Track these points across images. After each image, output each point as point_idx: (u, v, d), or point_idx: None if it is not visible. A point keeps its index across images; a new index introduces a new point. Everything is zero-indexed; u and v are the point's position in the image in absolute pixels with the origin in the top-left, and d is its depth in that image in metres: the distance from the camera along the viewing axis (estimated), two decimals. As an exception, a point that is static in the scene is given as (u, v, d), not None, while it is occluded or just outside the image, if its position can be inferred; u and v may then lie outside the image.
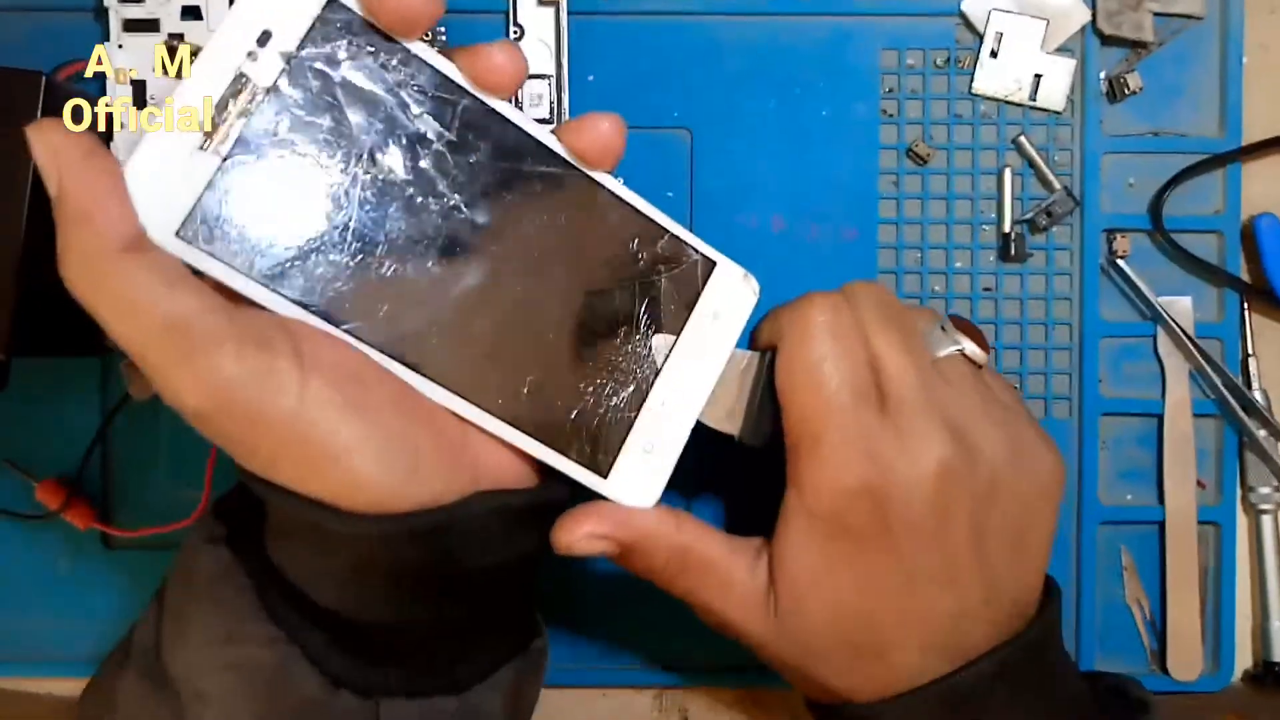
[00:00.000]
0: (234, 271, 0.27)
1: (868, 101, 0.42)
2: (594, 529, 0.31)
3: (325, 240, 0.27)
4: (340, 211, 0.28)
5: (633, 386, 0.31)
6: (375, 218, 0.28)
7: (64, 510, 0.41)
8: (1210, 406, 0.42)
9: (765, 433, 0.32)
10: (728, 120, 0.42)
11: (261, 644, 0.28)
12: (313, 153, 0.27)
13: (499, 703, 0.32)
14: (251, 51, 0.27)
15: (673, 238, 0.32)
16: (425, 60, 0.28)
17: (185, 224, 0.26)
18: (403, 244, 0.28)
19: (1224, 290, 0.42)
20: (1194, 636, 0.42)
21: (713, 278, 0.32)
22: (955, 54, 0.42)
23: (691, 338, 0.32)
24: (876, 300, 0.33)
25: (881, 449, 0.30)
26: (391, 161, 0.28)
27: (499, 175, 0.29)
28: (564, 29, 0.40)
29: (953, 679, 0.31)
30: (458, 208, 0.29)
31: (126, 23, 0.40)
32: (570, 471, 0.31)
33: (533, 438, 0.30)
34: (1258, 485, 0.42)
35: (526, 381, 0.30)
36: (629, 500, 0.31)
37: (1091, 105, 0.41)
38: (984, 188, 0.42)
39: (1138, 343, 0.42)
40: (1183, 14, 0.41)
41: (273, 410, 0.26)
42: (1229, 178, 0.42)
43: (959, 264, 0.42)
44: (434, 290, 0.29)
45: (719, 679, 0.43)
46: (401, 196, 0.28)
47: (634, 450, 0.31)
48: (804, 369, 0.31)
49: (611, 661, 0.43)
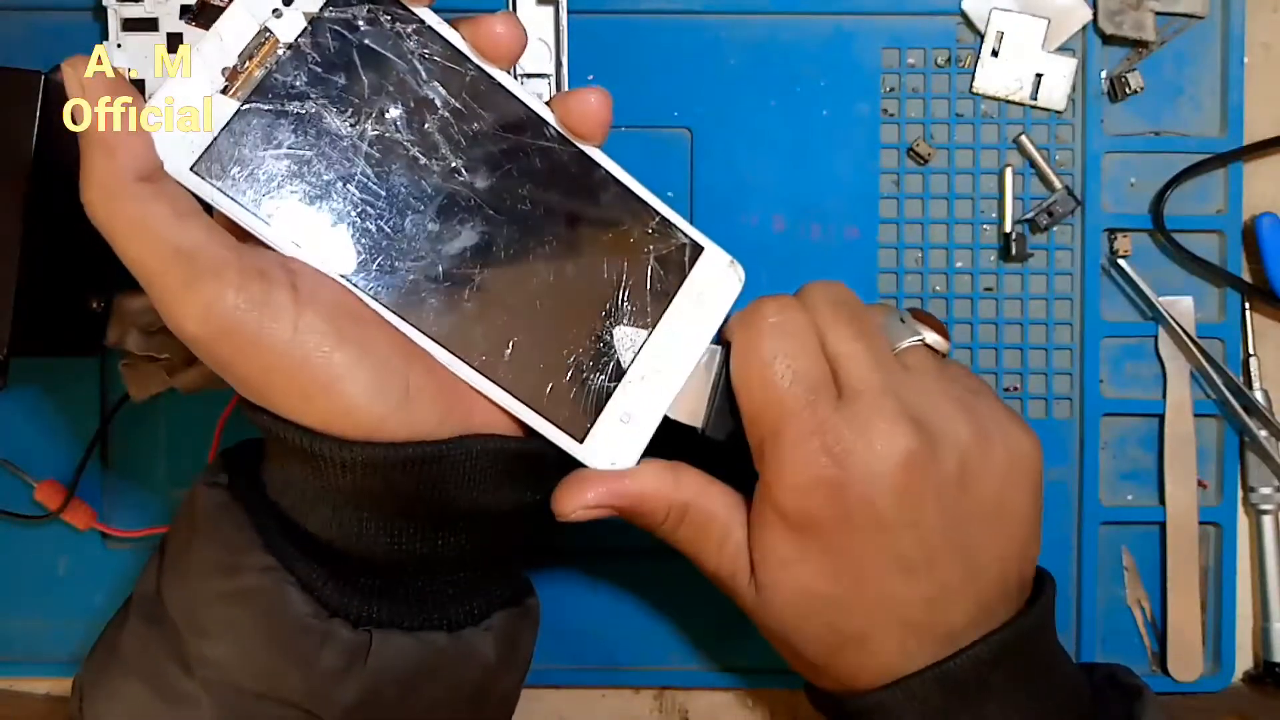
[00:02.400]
0: (241, 208, 0.29)
1: (869, 101, 0.42)
2: (592, 498, 0.32)
3: (329, 188, 0.29)
4: (346, 163, 0.30)
5: (613, 358, 0.32)
6: (378, 172, 0.30)
7: (63, 511, 0.41)
8: (1211, 407, 0.42)
9: (728, 427, 0.33)
10: (728, 120, 0.42)
11: (257, 573, 0.29)
12: (325, 107, 0.29)
13: (491, 644, 0.32)
14: (277, 9, 0.29)
15: (663, 220, 0.33)
16: (437, 31, 0.30)
17: (200, 160, 0.28)
18: (402, 200, 0.30)
19: (1225, 290, 0.42)
20: (1194, 637, 0.42)
21: (699, 262, 0.33)
22: (956, 53, 0.42)
23: (675, 318, 0.33)
24: (831, 297, 0.33)
25: (839, 442, 0.30)
26: (399, 122, 0.30)
27: (500, 144, 0.31)
28: (564, 28, 0.40)
29: (948, 664, 0.31)
30: (457, 170, 0.31)
31: (125, 22, 0.40)
32: (547, 432, 0.31)
33: (512, 395, 0.31)
34: (1259, 485, 0.42)
35: (510, 343, 0.31)
36: (602, 464, 0.32)
37: (1093, 104, 0.41)
38: (985, 187, 0.42)
39: (1139, 343, 0.42)
40: (1184, 13, 0.41)
41: (268, 337, 0.27)
42: (1230, 177, 0.42)
43: (960, 264, 0.42)
44: (428, 246, 0.30)
45: (719, 679, 0.43)
46: (405, 155, 0.30)
47: (611, 419, 0.32)
48: (756, 366, 0.31)
49: (611, 661, 0.42)
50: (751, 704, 0.43)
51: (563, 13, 0.40)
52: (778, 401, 0.31)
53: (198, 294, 0.27)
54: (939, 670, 0.31)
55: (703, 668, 0.43)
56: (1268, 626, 0.42)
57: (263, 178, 0.29)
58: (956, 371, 0.35)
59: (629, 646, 0.42)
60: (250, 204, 0.29)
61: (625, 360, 0.32)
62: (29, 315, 0.35)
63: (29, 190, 0.35)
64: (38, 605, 0.43)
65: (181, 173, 0.28)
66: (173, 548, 0.32)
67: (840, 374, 0.32)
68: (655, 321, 0.32)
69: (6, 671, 0.43)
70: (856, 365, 0.32)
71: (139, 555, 0.42)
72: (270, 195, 0.29)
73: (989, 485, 0.32)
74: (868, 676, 0.32)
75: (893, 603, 0.31)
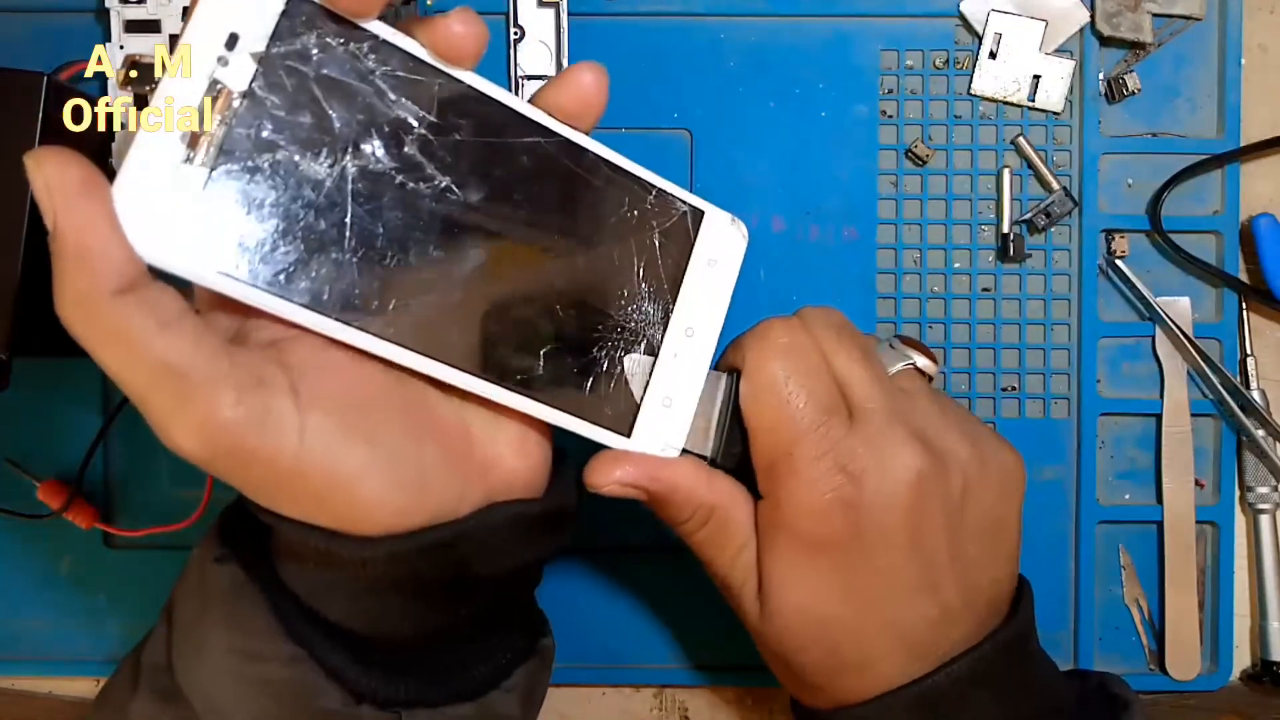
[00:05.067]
0: (238, 283, 0.26)
1: (867, 102, 0.42)
2: (625, 476, 0.31)
3: (324, 239, 0.27)
4: (335, 208, 0.27)
5: (643, 343, 0.31)
6: (370, 210, 0.27)
7: (65, 510, 0.41)
8: (1208, 406, 0.42)
9: (736, 453, 0.33)
10: (728, 120, 0.42)
11: (283, 662, 0.28)
12: (299, 152, 0.27)
13: (515, 703, 0.32)
14: (221, 56, 0.26)
15: (660, 192, 0.32)
16: (394, 44, 0.28)
17: (182, 242, 0.25)
18: (401, 233, 0.28)
19: (1222, 290, 0.42)
20: (1192, 636, 0.42)
21: (703, 226, 0.33)
22: (954, 55, 0.42)
23: (692, 287, 0.32)
24: (832, 321, 0.33)
25: (854, 462, 0.30)
26: (377, 151, 0.28)
27: (484, 151, 0.29)
28: (564, 30, 0.41)
29: (927, 681, 0.31)
30: (449, 189, 0.29)
31: (128, 23, 0.40)
32: (595, 436, 0.31)
33: (555, 408, 0.30)
34: (1256, 485, 0.42)
35: (540, 354, 0.30)
36: (654, 451, 0.32)
37: (1090, 106, 0.42)
38: (983, 188, 0.42)
39: (1136, 343, 0.42)
40: (1181, 15, 0.41)
41: (274, 450, 0.25)
42: (1227, 178, 0.42)
43: (958, 264, 0.42)
44: (439, 276, 0.28)
45: (719, 678, 0.43)
46: (392, 185, 0.28)
47: (653, 405, 0.31)
48: (767, 388, 0.31)
49: (612, 660, 0.43)
50: (751, 702, 0.43)
51: (563, 14, 0.41)
52: (791, 422, 0.31)
53: (191, 412, 0.24)
54: (918, 688, 0.31)
55: (702, 666, 0.43)
56: (1265, 625, 0.42)
57: (252, 244, 0.26)
58: (944, 395, 0.35)
59: (629, 645, 0.43)
60: (246, 276, 0.26)
61: (655, 342, 0.32)
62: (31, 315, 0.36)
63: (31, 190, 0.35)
64: (40, 605, 0.43)
65: (165, 259, 0.25)
66: (182, 621, 0.30)
67: (849, 395, 0.32)
68: (675, 295, 0.32)
69: (9, 671, 0.43)
70: (864, 386, 0.32)
71: (141, 555, 0.42)
72: (265, 261, 0.26)
73: (985, 503, 0.32)
74: (860, 696, 0.32)
75: (898, 626, 0.31)
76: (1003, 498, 0.33)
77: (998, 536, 0.33)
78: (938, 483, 0.31)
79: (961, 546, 0.32)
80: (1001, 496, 0.33)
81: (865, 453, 0.31)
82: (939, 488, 0.31)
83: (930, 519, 0.31)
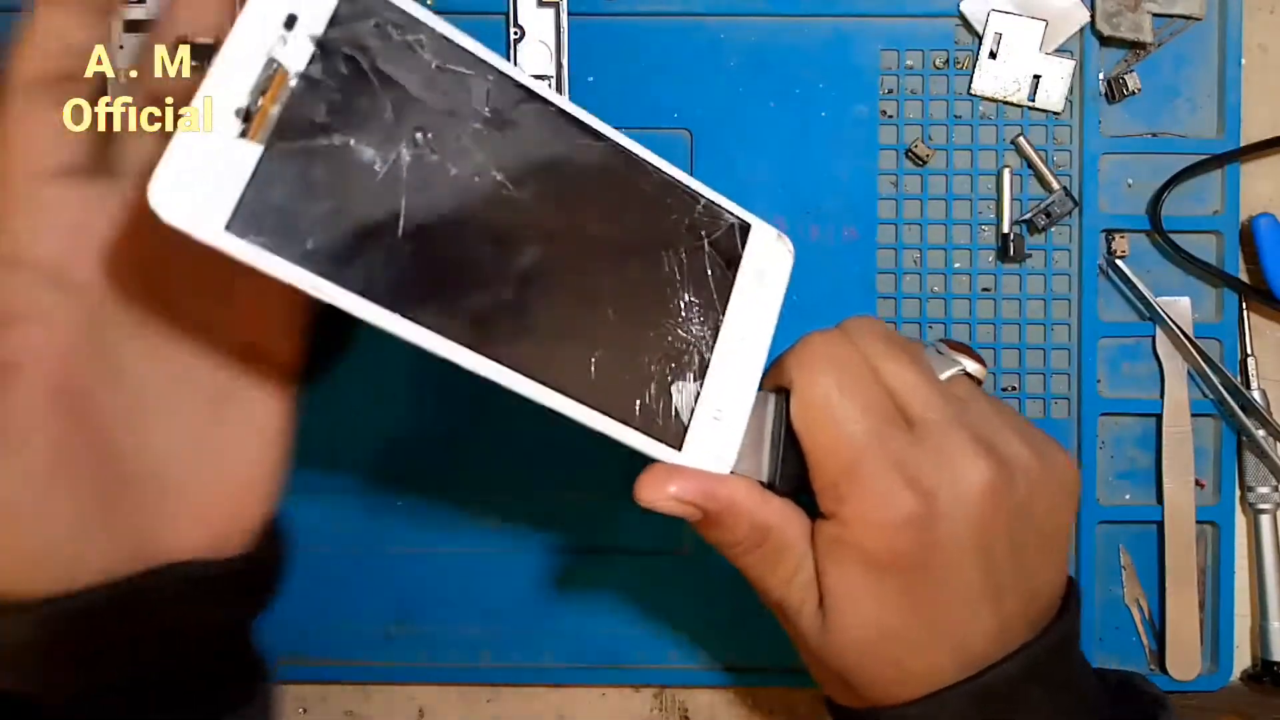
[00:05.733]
0: (287, 263, 0.25)
1: (867, 102, 0.42)
2: (680, 492, 0.30)
3: (374, 224, 0.27)
4: (386, 194, 0.27)
5: (694, 355, 0.31)
6: (422, 199, 0.27)
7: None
8: (1209, 406, 0.42)
9: (792, 475, 0.32)
10: (728, 120, 0.42)
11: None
12: (352, 136, 0.27)
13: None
14: (281, 35, 0.26)
15: (708, 203, 0.32)
16: (449, 38, 0.28)
17: (233, 218, 0.25)
18: (454, 224, 0.28)
19: (1222, 290, 0.42)
20: (1193, 636, 0.42)
21: (750, 239, 0.32)
22: (954, 55, 0.42)
23: (740, 301, 0.32)
24: (877, 331, 0.32)
25: (921, 474, 0.30)
26: (430, 142, 0.28)
27: (537, 150, 0.29)
28: (564, 30, 0.41)
29: (982, 678, 0.31)
30: (503, 185, 0.28)
31: (127, 23, 0.40)
32: (645, 447, 0.30)
33: (606, 416, 0.29)
34: (1256, 485, 0.42)
35: (592, 360, 0.29)
36: (708, 469, 0.31)
37: (1090, 106, 0.42)
38: (983, 188, 0.42)
39: (1136, 343, 0.42)
40: (1181, 15, 0.41)
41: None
42: (1227, 178, 0.42)
43: (958, 264, 0.42)
44: (490, 271, 0.28)
45: (718, 677, 0.43)
46: (445, 175, 0.28)
47: (704, 419, 0.31)
48: (819, 405, 0.30)
49: (611, 660, 0.43)
50: (751, 702, 0.43)
51: (563, 15, 0.41)
52: (849, 438, 0.30)
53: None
54: (973, 684, 0.31)
55: (702, 666, 0.43)
56: (1265, 625, 0.42)
57: (302, 226, 0.26)
58: (994, 399, 0.34)
59: (629, 645, 0.43)
60: (295, 257, 0.25)
61: (705, 354, 0.31)
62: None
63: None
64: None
65: (217, 235, 0.25)
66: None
67: (905, 405, 0.31)
68: (724, 308, 0.31)
69: (9, 670, 0.43)
70: (920, 394, 0.31)
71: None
72: (314, 243, 0.26)
73: (1044, 509, 0.32)
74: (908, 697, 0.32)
75: (959, 637, 0.31)
76: (1059, 500, 0.32)
77: (1054, 541, 0.32)
78: (1006, 491, 0.30)
79: (1022, 554, 0.31)
80: (1058, 499, 0.32)
81: (933, 465, 0.30)
82: (1007, 497, 0.30)
83: (997, 529, 0.30)
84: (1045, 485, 0.32)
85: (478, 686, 0.43)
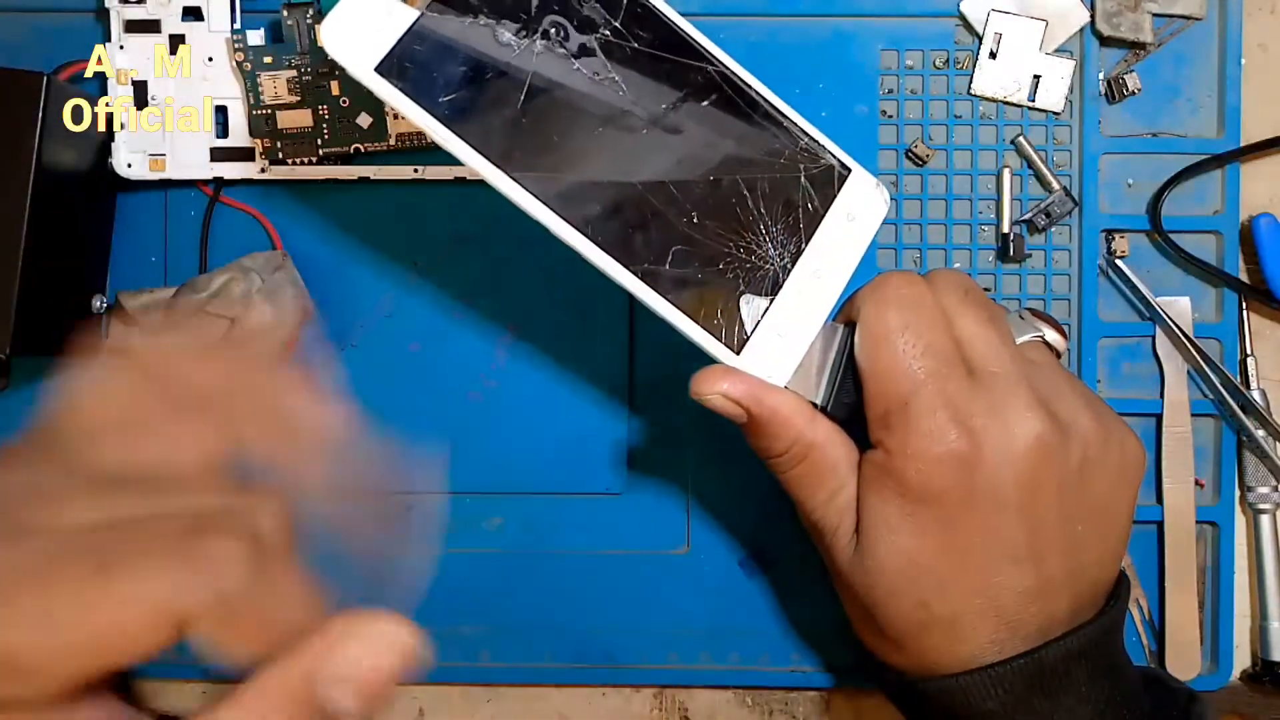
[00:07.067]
0: (419, 109, 0.30)
1: (867, 102, 0.42)
2: (731, 390, 0.31)
3: (501, 96, 0.31)
4: (516, 74, 0.31)
5: (769, 274, 0.33)
6: (546, 83, 0.31)
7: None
8: (1208, 406, 0.42)
9: (847, 404, 0.33)
10: (727, 121, 0.42)
11: None
12: (497, 19, 0.31)
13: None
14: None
15: (812, 140, 0.34)
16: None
17: (384, 62, 0.30)
18: (569, 111, 0.32)
19: (1222, 290, 0.42)
20: (1192, 636, 0.42)
21: (848, 183, 0.34)
22: (954, 55, 0.42)
23: (826, 236, 0.33)
24: (958, 283, 0.33)
25: (973, 418, 0.30)
26: (563, 37, 0.32)
27: (658, 64, 0.33)
28: (564, 29, 0.41)
29: (1038, 653, 0.31)
30: (619, 86, 0.32)
31: (128, 23, 0.40)
32: (704, 343, 0.32)
33: (671, 303, 0.32)
34: (1256, 485, 0.42)
35: (671, 251, 0.32)
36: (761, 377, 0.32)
37: (1090, 106, 0.42)
38: (983, 188, 0.42)
39: (1136, 343, 0.42)
40: (1182, 15, 0.41)
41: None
42: (1227, 178, 0.42)
43: (958, 264, 0.42)
44: (593, 157, 0.32)
45: (718, 677, 0.43)
46: (569, 69, 0.32)
47: (767, 332, 0.32)
48: (882, 336, 0.31)
49: (611, 660, 0.43)
50: (750, 702, 0.43)
51: (563, 14, 0.41)
52: (906, 372, 0.31)
53: None
54: (1030, 659, 0.31)
55: (702, 666, 0.43)
56: (1265, 625, 0.42)
57: (440, 83, 0.30)
58: (1069, 372, 0.35)
59: (629, 645, 0.43)
60: (427, 105, 0.30)
61: (781, 274, 0.33)
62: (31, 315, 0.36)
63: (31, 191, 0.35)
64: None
65: (365, 73, 0.30)
66: None
67: (971, 355, 0.31)
68: (808, 239, 0.33)
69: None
70: (987, 347, 0.31)
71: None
72: (446, 98, 0.30)
73: (1103, 484, 0.32)
74: (948, 661, 0.32)
75: (994, 590, 0.31)
76: (1120, 480, 0.33)
77: (1108, 518, 0.33)
78: (1058, 451, 0.31)
79: (1071, 522, 0.31)
80: (1119, 478, 0.33)
81: (985, 411, 0.30)
82: (1058, 457, 0.31)
83: (1044, 488, 0.31)
84: (1103, 458, 0.32)
85: (478, 686, 0.43)
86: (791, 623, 0.42)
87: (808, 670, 0.42)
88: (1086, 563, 0.32)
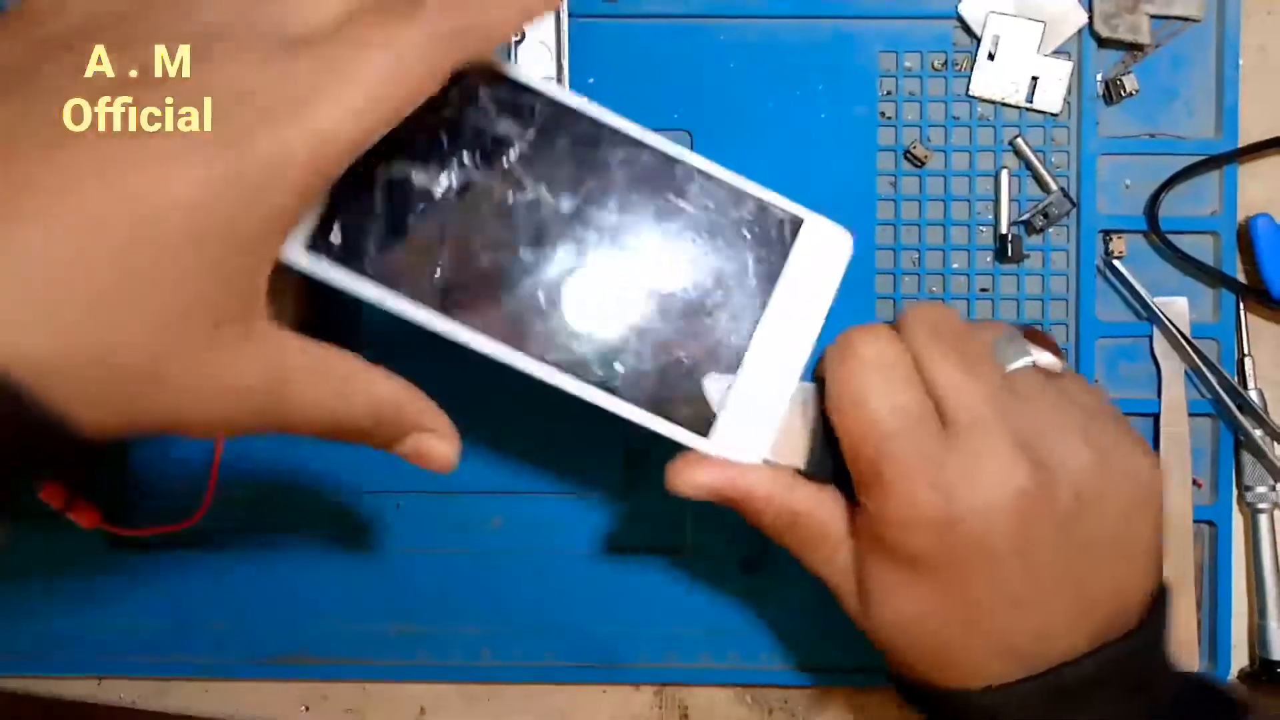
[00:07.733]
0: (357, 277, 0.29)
1: (866, 103, 0.42)
2: (705, 478, 0.31)
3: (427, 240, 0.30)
4: (438, 212, 0.30)
5: (732, 344, 0.32)
6: (468, 215, 0.30)
7: (67, 510, 0.41)
8: (1206, 406, 0.42)
9: (829, 465, 0.32)
10: (728, 122, 0.42)
11: None
12: (409, 161, 0.30)
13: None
14: None
15: (755, 200, 0.32)
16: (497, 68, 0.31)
17: (312, 238, 0.29)
18: (495, 234, 0.30)
19: (1220, 291, 0.42)
20: (1190, 635, 0.42)
21: (802, 233, 0.32)
22: (952, 56, 0.42)
23: (785, 296, 0.32)
24: (930, 323, 0.32)
25: (948, 478, 0.29)
26: (480, 163, 0.30)
27: (579, 163, 0.31)
28: (564, 32, 0.41)
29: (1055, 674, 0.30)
30: (545, 199, 0.31)
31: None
32: (671, 434, 0.31)
33: (633, 404, 0.31)
34: (1254, 484, 0.42)
35: (623, 354, 0.31)
36: (734, 456, 0.32)
37: (1088, 107, 0.42)
38: (981, 189, 0.42)
39: (1134, 343, 0.42)
40: (1180, 16, 0.42)
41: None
42: (1225, 179, 0.42)
43: (956, 265, 0.42)
44: (532, 278, 0.31)
45: (719, 675, 0.43)
46: (490, 196, 0.30)
47: (735, 409, 0.31)
48: (849, 405, 0.31)
49: (611, 658, 0.43)
50: (751, 700, 0.44)
51: (563, 16, 0.41)
52: (875, 437, 0.30)
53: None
54: (1048, 680, 0.30)
55: (702, 664, 0.43)
56: (1263, 624, 0.42)
57: (367, 245, 0.29)
58: (1075, 390, 0.33)
59: (629, 644, 0.43)
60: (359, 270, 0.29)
61: (742, 347, 0.32)
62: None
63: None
64: (42, 605, 0.43)
65: (298, 257, 0.29)
66: None
67: (943, 406, 0.31)
68: (765, 302, 0.32)
69: (9, 670, 0.43)
70: (960, 396, 0.30)
71: (144, 555, 0.43)
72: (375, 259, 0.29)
73: (1108, 515, 0.31)
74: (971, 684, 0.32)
75: (1001, 633, 0.31)
76: (1131, 508, 0.32)
77: (1122, 547, 0.32)
78: (1044, 498, 0.30)
79: (1075, 559, 0.31)
80: (1129, 507, 0.32)
81: (959, 468, 0.29)
82: (1044, 503, 0.30)
83: (1034, 534, 0.30)
84: (1105, 492, 0.31)
85: (478, 685, 0.43)
86: (791, 622, 0.42)
87: (807, 669, 0.42)
88: (1100, 595, 0.31)
